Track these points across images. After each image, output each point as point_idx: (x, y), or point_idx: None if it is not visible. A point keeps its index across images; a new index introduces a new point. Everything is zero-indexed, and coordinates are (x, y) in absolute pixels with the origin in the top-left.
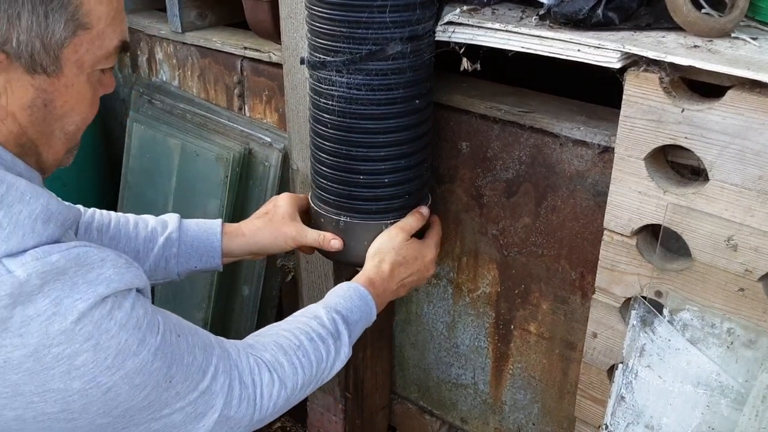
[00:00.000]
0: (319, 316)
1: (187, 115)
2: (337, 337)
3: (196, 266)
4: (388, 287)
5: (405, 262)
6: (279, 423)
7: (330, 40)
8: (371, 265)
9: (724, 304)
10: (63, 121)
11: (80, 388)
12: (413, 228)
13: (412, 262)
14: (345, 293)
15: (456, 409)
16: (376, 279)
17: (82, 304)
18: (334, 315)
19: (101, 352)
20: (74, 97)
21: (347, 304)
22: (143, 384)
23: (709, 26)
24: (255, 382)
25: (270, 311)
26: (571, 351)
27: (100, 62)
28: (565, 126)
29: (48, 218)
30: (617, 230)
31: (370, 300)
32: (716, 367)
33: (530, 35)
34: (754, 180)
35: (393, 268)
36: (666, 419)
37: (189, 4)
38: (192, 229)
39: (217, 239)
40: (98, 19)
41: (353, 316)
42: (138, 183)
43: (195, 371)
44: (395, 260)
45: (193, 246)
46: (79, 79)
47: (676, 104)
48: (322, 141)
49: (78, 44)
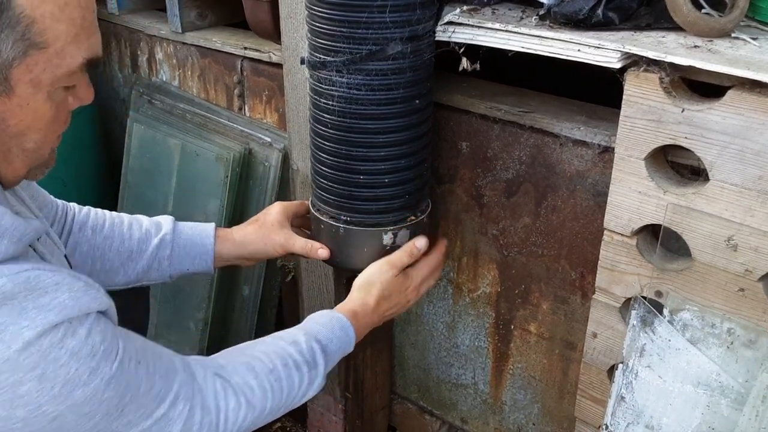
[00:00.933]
0: (298, 342)
1: (187, 115)
2: (313, 366)
3: (189, 269)
4: (370, 320)
5: (389, 296)
6: (279, 423)
7: (330, 40)
8: (357, 296)
9: (724, 304)
10: (20, 139)
11: (24, 416)
12: (404, 264)
13: (396, 296)
14: (328, 322)
15: (456, 409)
16: (359, 311)
17: (28, 332)
18: (313, 343)
19: (47, 382)
20: (30, 116)
21: (328, 334)
22: (92, 413)
23: (709, 26)
24: (219, 407)
25: (270, 311)
26: (571, 351)
27: (62, 80)
28: (565, 126)
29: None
30: (617, 230)
31: (351, 332)
32: (716, 367)
33: (530, 35)
34: (754, 180)
35: (378, 302)
36: (666, 419)
37: (189, 4)
38: (186, 233)
39: (210, 243)
40: (56, 38)
41: (332, 347)
42: (138, 183)
43: (151, 400)
44: (381, 295)
45: (186, 249)
46: (36, 98)
47: (676, 104)
48: (322, 141)
49: (32, 64)
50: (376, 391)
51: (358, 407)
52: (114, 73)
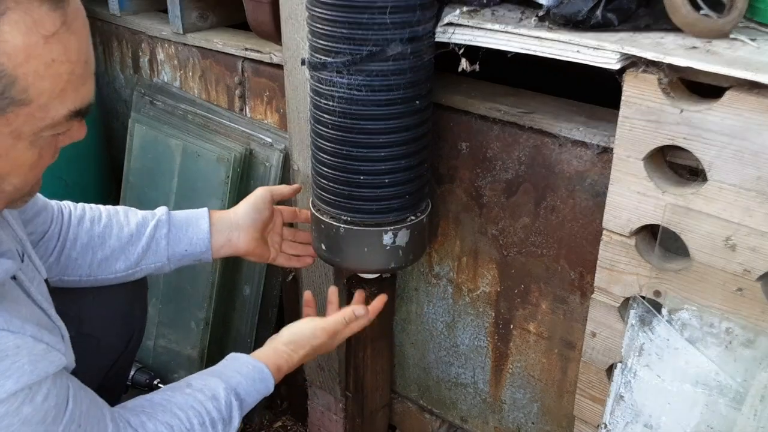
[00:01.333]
0: (218, 397)
1: (189, 115)
2: (228, 422)
3: (186, 249)
4: (290, 370)
5: (313, 353)
6: (279, 422)
7: (330, 42)
8: (284, 351)
9: (723, 303)
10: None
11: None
12: (337, 331)
13: (319, 349)
14: (251, 374)
15: (456, 408)
16: (284, 366)
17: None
18: (232, 398)
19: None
20: (10, 164)
21: (249, 388)
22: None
23: (708, 27)
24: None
25: (270, 311)
26: (571, 350)
27: (45, 130)
28: (564, 126)
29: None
30: (616, 230)
31: (271, 383)
32: (715, 366)
33: (529, 36)
34: (753, 180)
35: (302, 358)
36: (665, 418)
37: (190, 6)
38: (181, 214)
39: (205, 221)
40: (39, 94)
41: (250, 399)
42: (140, 183)
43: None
44: (306, 353)
45: (182, 229)
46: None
47: (675, 105)
48: (323, 141)
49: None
50: (376, 390)
51: (358, 406)
52: (116, 74)
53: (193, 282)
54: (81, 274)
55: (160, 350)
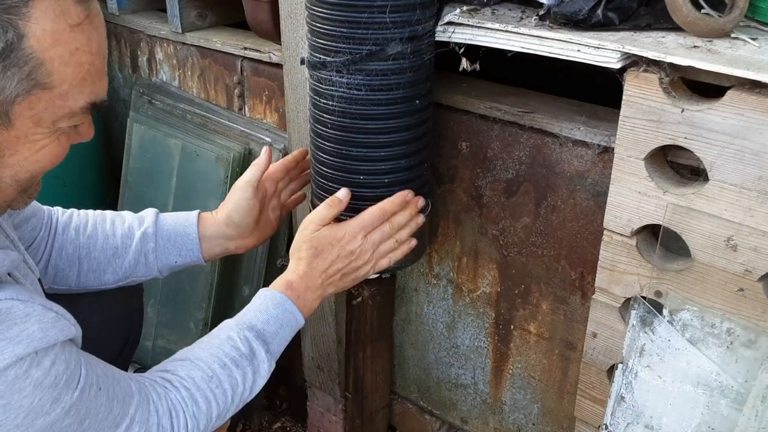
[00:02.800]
0: (232, 336)
1: (188, 115)
2: (251, 357)
3: (177, 261)
4: (311, 284)
5: (319, 252)
6: (279, 423)
7: (330, 41)
8: (290, 265)
9: (724, 304)
10: (14, 169)
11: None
12: (323, 217)
13: (329, 249)
14: (260, 304)
15: (456, 409)
16: (293, 279)
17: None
18: (246, 333)
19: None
20: (28, 150)
21: (262, 317)
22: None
23: (709, 26)
24: (174, 425)
25: None
26: (571, 351)
27: (63, 120)
28: (565, 126)
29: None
30: (617, 230)
31: (289, 305)
32: (716, 367)
33: (530, 35)
34: (754, 180)
35: (309, 262)
36: (666, 419)
37: (189, 5)
38: (168, 223)
39: (194, 231)
40: (62, 81)
41: (270, 328)
42: (138, 183)
43: (108, 425)
44: (308, 254)
45: (170, 240)
46: (36, 133)
47: (676, 104)
48: (323, 141)
49: (35, 102)
50: (376, 390)
51: (358, 407)
52: (114, 74)
53: (192, 282)
54: (70, 284)
55: (158, 351)
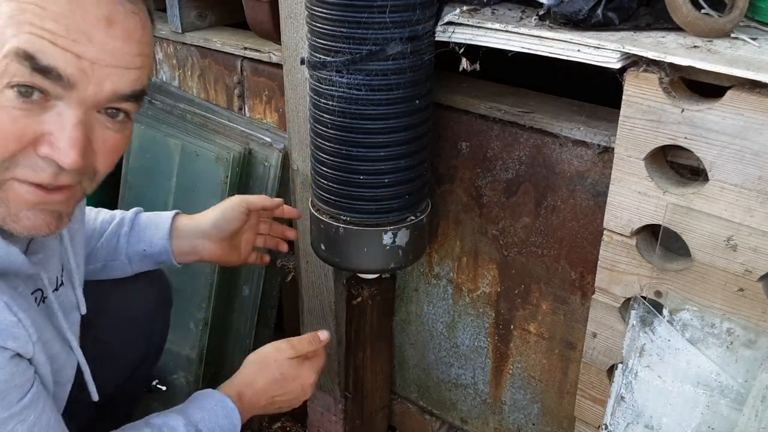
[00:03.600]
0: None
1: (187, 115)
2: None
3: (145, 249)
4: (257, 402)
5: (282, 380)
6: (279, 423)
7: (330, 41)
8: (245, 374)
9: (724, 304)
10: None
11: None
12: (304, 350)
13: (290, 382)
14: (211, 408)
15: (456, 409)
16: (246, 393)
17: None
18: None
19: None
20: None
21: (210, 422)
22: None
23: (709, 26)
24: None
25: (270, 311)
26: (571, 351)
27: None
28: (565, 126)
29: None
30: (617, 230)
31: (235, 416)
32: (716, 367)
33: (530, 35)
34: (754, 180)
35: (268, 384)
36: (666, 419)
37: (189, 5)
38: (147, 216)
39: (166, 221)
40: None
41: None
42: (138, 183)
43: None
44: (272, 377)
45: (143, 228)
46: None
47: (676, 104)
48: (323, 141)
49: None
50: (376, 391)
51: (357, 407)
52: None
53: (192, 283)
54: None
55: None
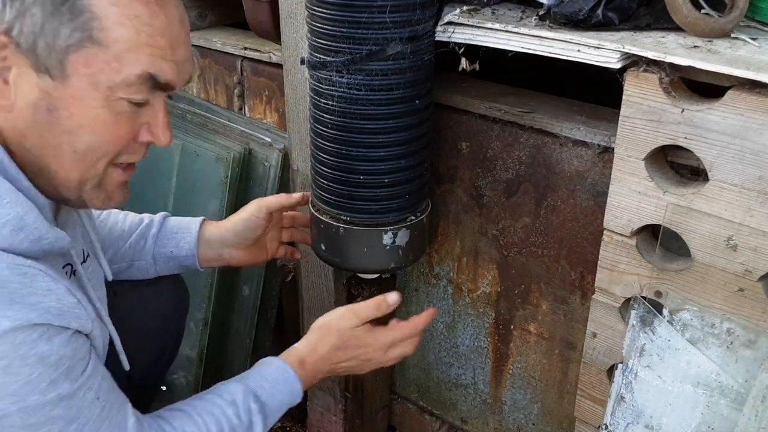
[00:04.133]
0: (236, 402)
1: (187, 115)
2: (248, 427)
3: (172, 251)
4: (319, 368)
5: (344, 347)
6: (279, 423)
7: (330, 41)
8: (308, 341)
9: (724, 304)
10: (71, 136)
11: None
12: (368, 316)
13: (353, 349)
14: (271, 376)
15: (456, 409)
16: (308, 360)
17: (7, 322)
18: (251, 404)
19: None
20: (84, 113)
21: (270, 389)
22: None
23: (709, 26)
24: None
25: (270, 311)
26: (571, 351)
27: (120, 88)
28: (565, 126)
29: (19, 228)
30: (617, 230)
31: (296, 384)
32: (716, 367)
33: (530, 35)
34: (754, 180)
35: (330, 351)
36: (666, 419)
37: (189, 5)
38: (176, 219)
39: (195, 227)
40: (115, 41)
41: (273, 404)
42: (138, 183)
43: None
44: (335, 344)
45: (171, 231)
46: (92, 97)
47: (676, 104)
48: (323, 141)
49: (90, 58)
50: (376, 391)
51: (357, 407)
52: None
53: (192, 283)
54: None
55: None
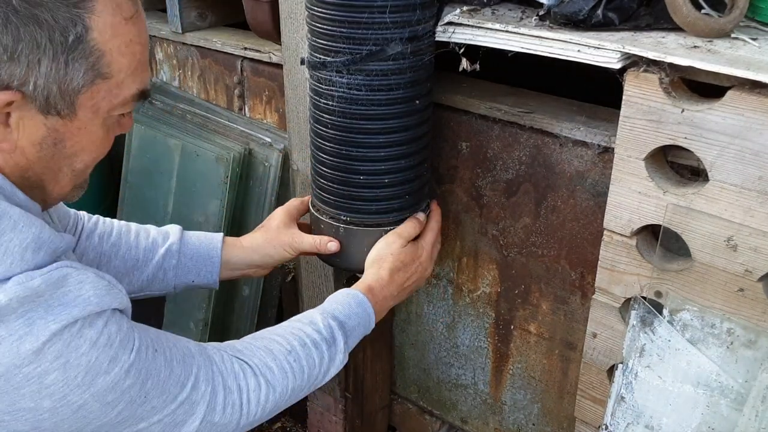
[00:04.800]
0: (315, 321)
1: (188, 115)
2: (331, 342)
3: (194, 280)
4: (388, 293)
5: (403, 267)
6: (279, 423)
7: (330, 41)
8: (370, 272)
9: (724, 304)
10: (72, 159)
11: (51, 406)
12: (411, 234)
13: (410, 265)
14: (343, 300)
15: (456, 409)
16: (375, 286)
17: (54, 325)
18: (330, 321)
19: (71, 370)
20: (86, 139)
21: (345, 311)
22: (115, 401)
23: (709, 27)
24: (241, 387)
25: (270, 311)
26: (571, 351)
27: (116, 108)
28: (565, 126)
29: (39, 247)
30: (617, 230)
31: (368, 307)
32: (716, 367)
33: (530, 36)
34: (754, 180)
35: (392, 273)
36: (666, 419)
37: (189, 5)
38: (193, 243)
39: (216, 254)
40: (119, 71)
41: (350, 323)
42: (138, 183)
43: (172, 385)
44: (393, 266)
45: (192, 259)
46: (93, 122)
47: (676, 104)
48: (323, 141)
49: (95, 92)
50: (376, 391)
51: (357, 407)
52: None
53: None
54: None
55: None
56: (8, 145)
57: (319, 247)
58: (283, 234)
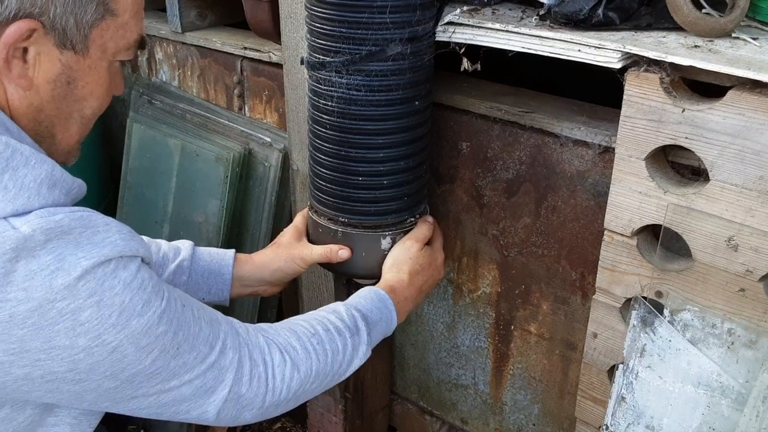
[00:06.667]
0: (338, 310)
1: (187, 115)
2: (355, 332)
3: (204, 297)
4: (409, 294)
5: (422, 270)
6: (279, 423)
7: (329, 41)
8: (390, 275)
9: (725, 304)
10: (82, 104)
11: (85, 345)
12: (426, 237)
13: (428, 268)
14: (366, 295)
15: (456, 409)
16: (396, 287)
17: (85, 262)
18: (353, 311)
19: (105, 309)
20: (95, 80)
21: (368, 304)
22: (150, 347)
23: (710, 26)
24: (266, 361)
25: (270, 311)
26: (572, 351)
27: (121, 52)
28: (565, 126)
29: (53, 184)
30: (618, 230)
31: (390, 304)
32: (717, 367)
33: (530, 35)
34: (755, 180)
35: (411, 276)
36: (666, 420)
37: (189, 4)
38: (204, 259)
39: (228, 270)
40: (124, 10)
41: (373, 316)
42: (138, 183)
43: (202, 342)
44: (413, 269)
45: (203, 276)
46: (101, 64)
47: (677, 104)
48: (321, 142)
49: (105, 28)
50: (376, 391)
51: (358, 408)
52: None
53: None
54: None
55: None
56: (25, 82)
57: (331, 256)
58: (294, 247)
